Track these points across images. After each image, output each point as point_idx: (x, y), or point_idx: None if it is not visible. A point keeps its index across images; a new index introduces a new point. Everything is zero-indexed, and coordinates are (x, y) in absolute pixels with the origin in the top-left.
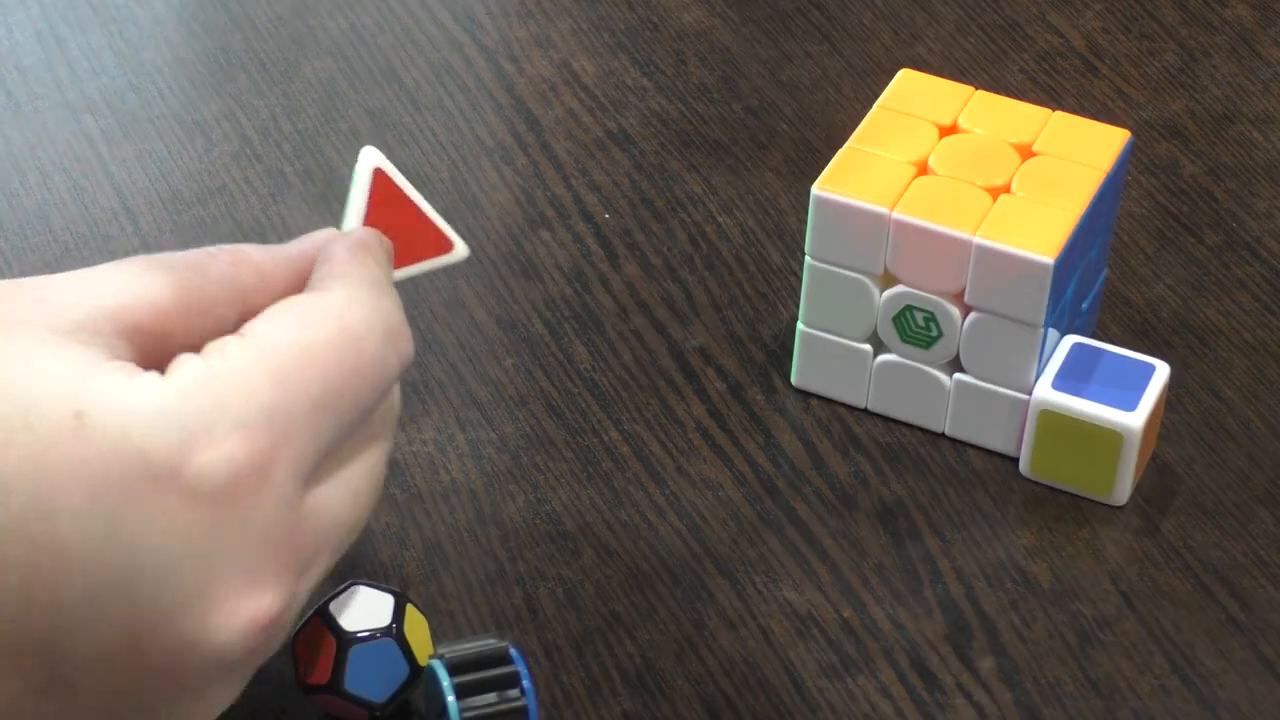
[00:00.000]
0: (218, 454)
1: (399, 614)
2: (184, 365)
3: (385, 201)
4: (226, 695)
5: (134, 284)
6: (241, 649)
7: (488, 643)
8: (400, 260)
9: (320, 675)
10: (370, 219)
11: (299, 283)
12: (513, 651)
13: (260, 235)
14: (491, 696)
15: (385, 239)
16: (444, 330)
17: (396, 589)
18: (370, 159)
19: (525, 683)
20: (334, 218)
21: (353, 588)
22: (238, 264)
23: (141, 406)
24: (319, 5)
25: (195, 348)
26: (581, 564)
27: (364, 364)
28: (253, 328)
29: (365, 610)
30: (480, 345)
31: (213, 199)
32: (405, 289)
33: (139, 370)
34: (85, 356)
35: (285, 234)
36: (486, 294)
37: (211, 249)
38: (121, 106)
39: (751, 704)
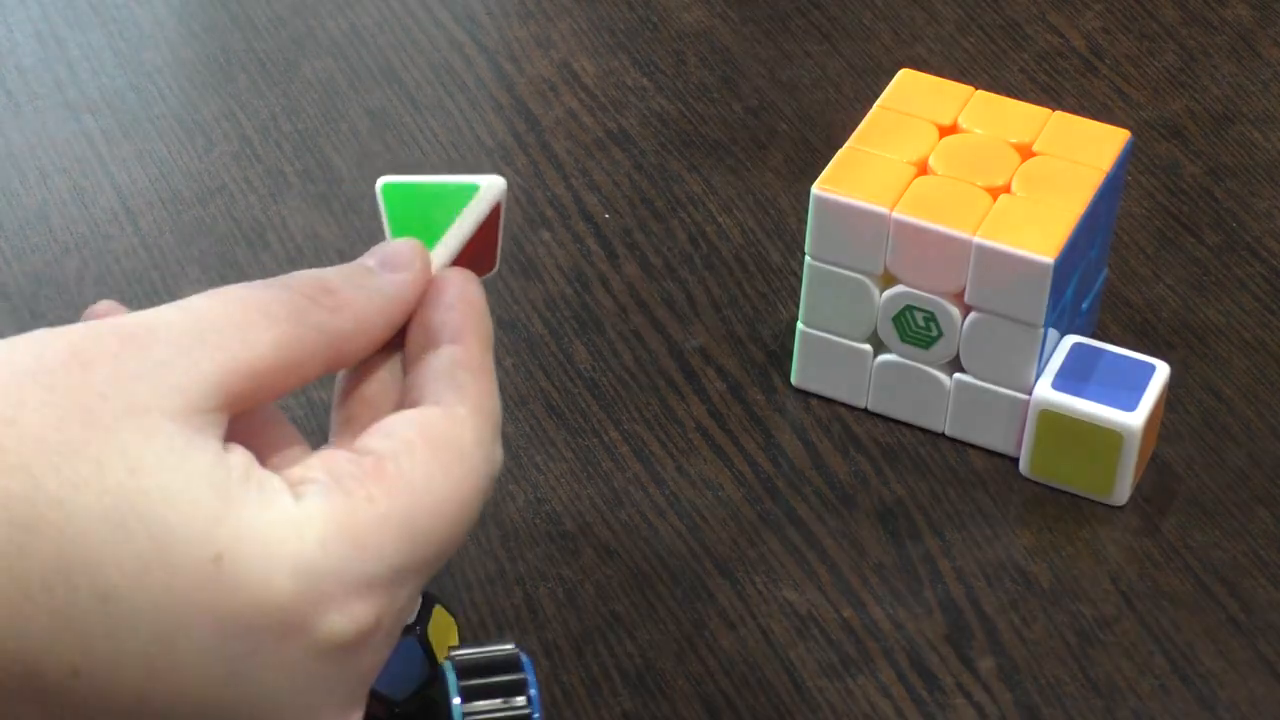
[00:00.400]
0: (347, 616)
1: (425, 614)
2: (323, 497)
3: (485, 229)
4: None
5: (237, 342)
6: None
7: (500, 648)
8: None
9: None
10: (476, 237)
11: (392, 328)
12: (523, 658)
13: (260, 235)
14: (497, 702)
15: (490, 331)
16: None
17: (429, 590)
18: (497, 190)
19: (532, 691)
20: (335, 218)
21: None
22: (337, 310)
23: (283, 558)
24: (319, 5)
25: (280, 395)
26: (581, 564)
27: (478, 509)
28: (395, 463)
29: None
30: None
31: (213, 199)
32: None
33: (273, 490)
34: (213, 465)
35: (285, 234)
36: (487, 294)
37: (307, 286)
38: (121, 106)
39: (751, 704)
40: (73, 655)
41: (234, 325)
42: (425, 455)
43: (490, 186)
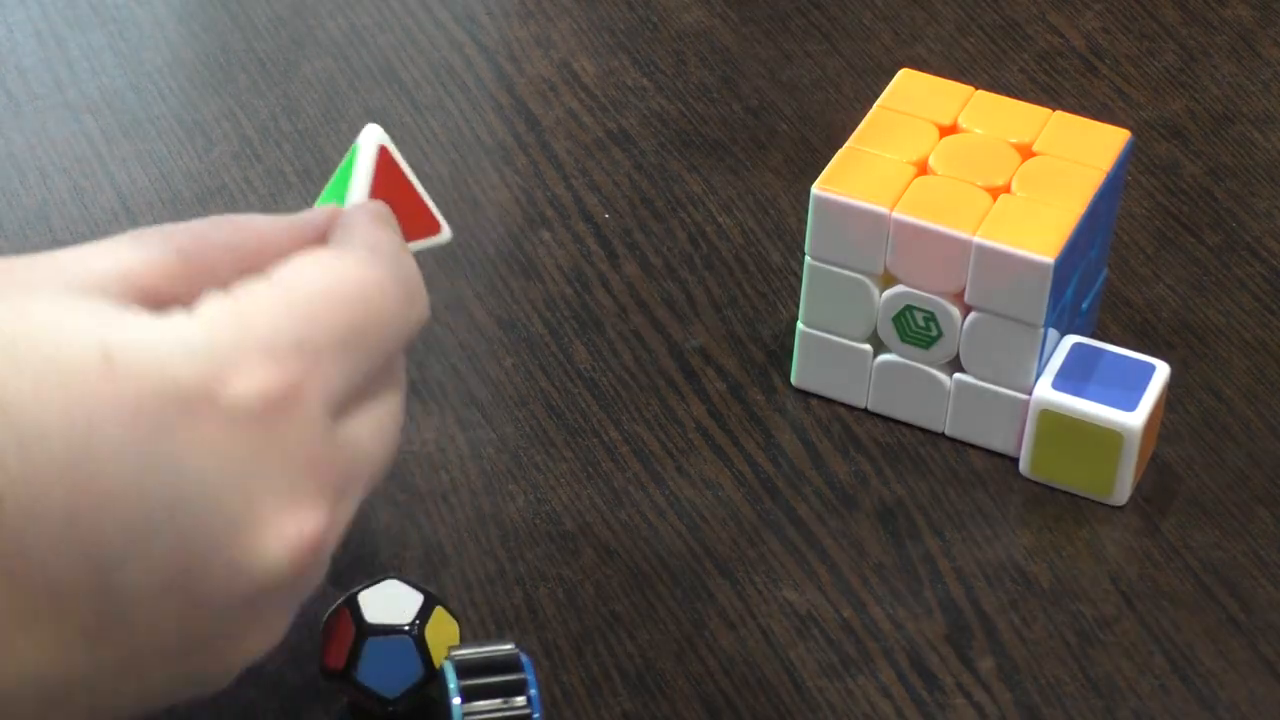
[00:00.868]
0: (250, 380)
1: (424, 614)
2: (210, 302)
3: (387, 179)
4: (278, 625)
5: (139, 250)
6: (289, 570)
7: (500, 648)
8: None
9: (337, 661)
10: (373, 195)
11: (300, 250)
12: (523, 658)
13: None
14: (496, 702)
15: (391, 213)
16: (444, 330)
17: (432, 590)
18: (374, 136)
19: (532, 691)
20: None
21: (386, 581)
22: (239, 229)
23: (170, 341)
24: (319, 5)
25: (194, 291)
26: (581, 564)
27: (385, 313)
28: (278, 272)
29: (392, 605)
30: (480, 345)
31: (213, 199)
32: None
33: (162, 313)
34: (106, 306)
35: None
36: (486, 294)
37: (214, 218)
38: (121, 106)
39: (751, 704)
40: None
41: (136, 241)
42: (310, 262)
43: (365, 135)
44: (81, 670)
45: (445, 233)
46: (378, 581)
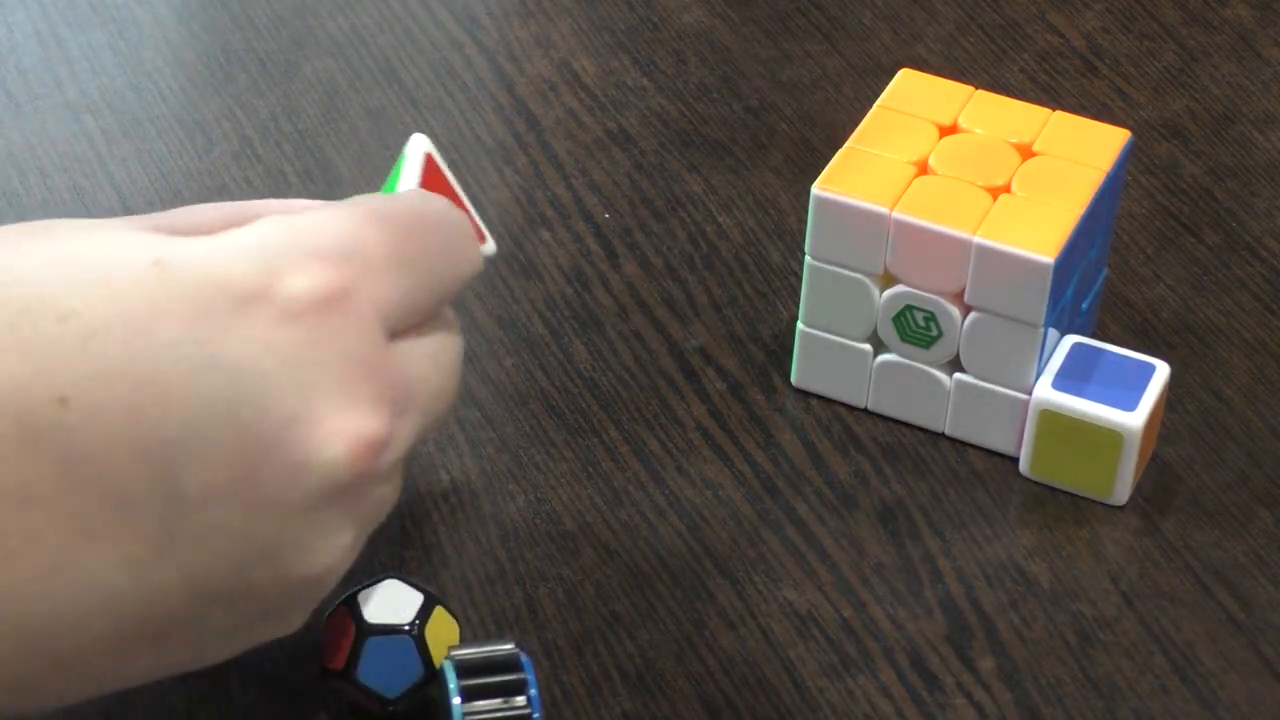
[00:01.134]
0: (302, 279)
1: (424, 614)
2: (262, 219)
3: (432, 188)
4: (340, 539)
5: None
6: (348, 468)
7: (500, 648)
8: None
9: (337, 662)
10: None
11: None
12: (524, 658)
13: None
14: (496, 702)
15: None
16: None
17: (432, 590)
18: (421, 145)
19: (532, 691)
20: None
21: (386, 581)
22: (289, 205)
23: (223, 247)
24: (319, 5)
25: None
26: (581, 564)
27: (436, 244)
28: (327, 203)
29: (391, 605)
30: (480, 345)
31: (213, 199)
32: None
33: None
34: (157, 232)
35: None
36: (486, 294)
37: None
38: (121, 106)
39: (751, 704)
40: (55, 381)
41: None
42: (361, 196)
43: (412, 144)
44: (148, 587)
45: (490, 244)
46: (378, 581)
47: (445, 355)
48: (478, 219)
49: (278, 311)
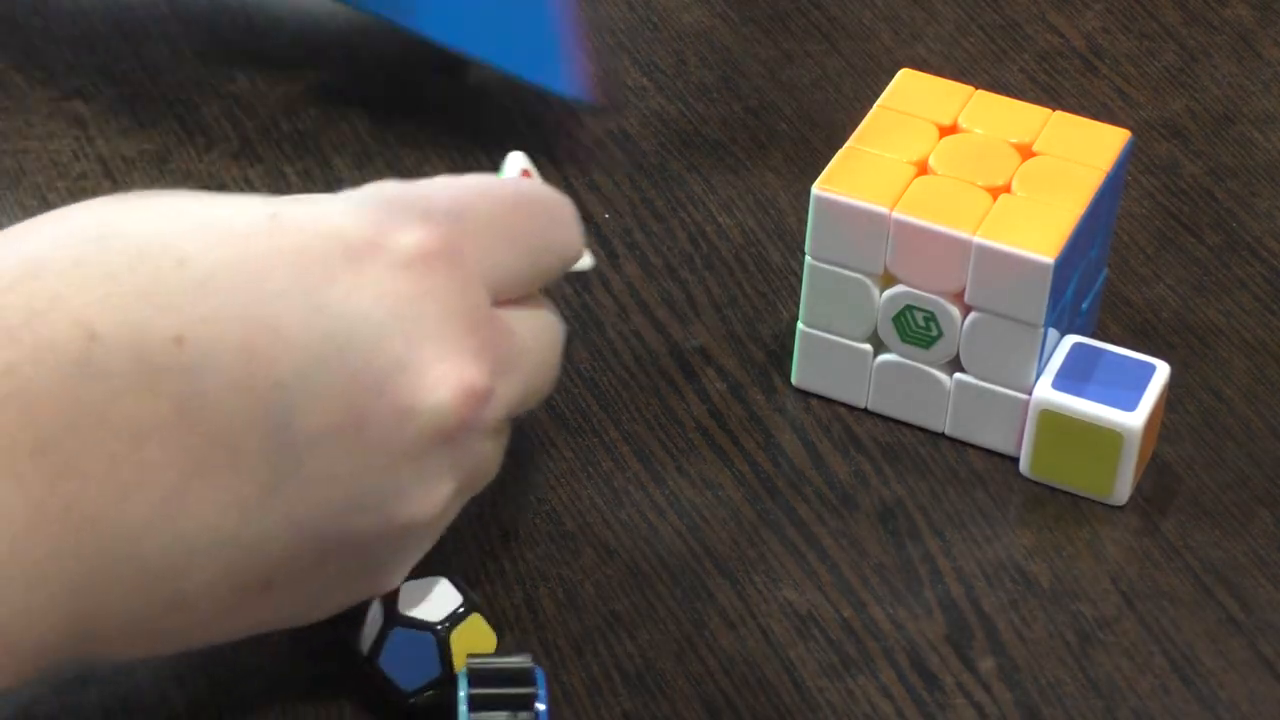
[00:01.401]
0: (411, 234)
1: (456, 618)
2: (373, 183)
3: None
4: (441, 489)
5: None
6: (454, 414)
7: (516, 661)
8: None
9: (365, 643)
10: None
11: None
12: (538, 673)
13: None
14: (504, 714)
15: None
16: None
17: (476, 598)
18: (518, 162)
19: (540, 706)
20: None
21: (434, 578)
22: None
23: (335, 204)
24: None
25: None
26: (581, 564)
27: (540, 222)
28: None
29: (429, 601)
30: None
31: None
32: None
33: None
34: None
35: None
36: None
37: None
38: (121, 106)
39: (751, 704)
40: (172, 322)
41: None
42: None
43: (510, 161)
44: (255, 531)
45: (588, 258)
46: (429, 577)
47: (546, 332)
48: None
49: (387, 263)
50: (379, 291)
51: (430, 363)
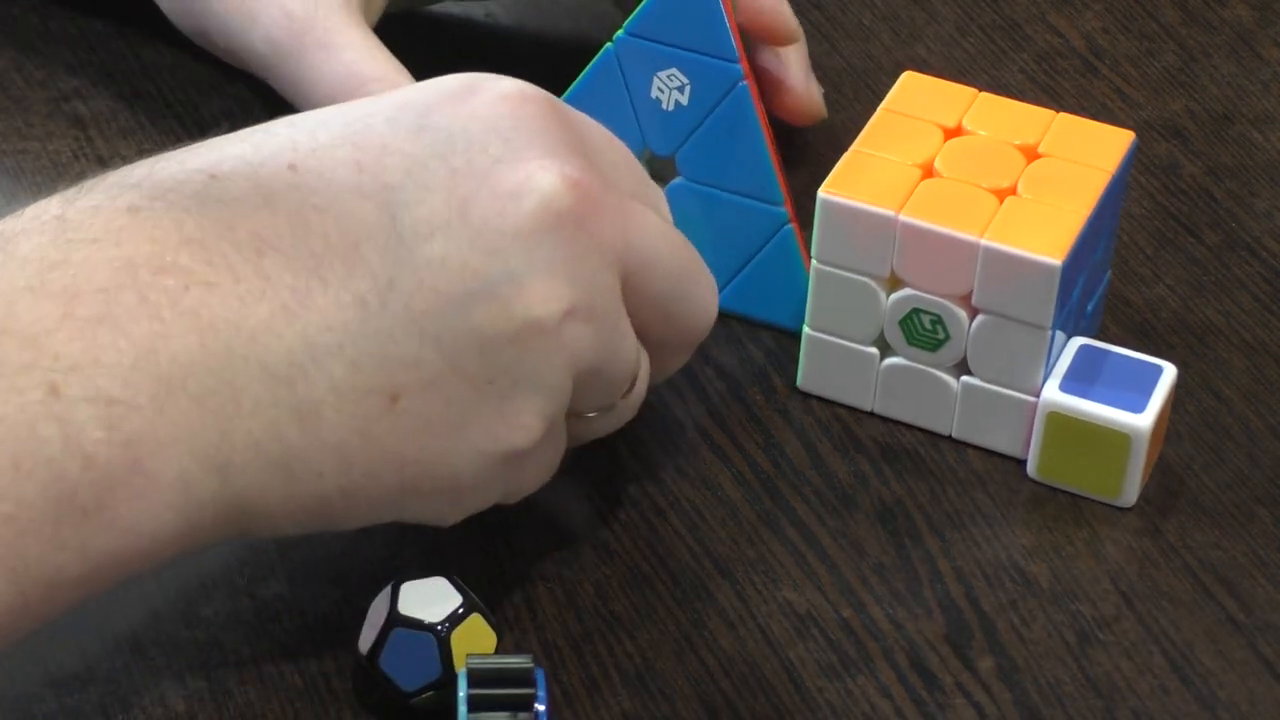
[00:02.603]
0: (508, 81)
1: (456, 618)
2: None
3: None
4: (556, 284)
5: None
6: (562, 199)
7: (516, 661)
8: None
9: (365, 644)
10: None
11: None
12: (538, 673)
13: None
14: (504, 715)
15: None
16: None
17: (475, 598)
18: None
19: (540, 706)
20: None
21: (435, 579)
22: None
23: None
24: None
25: None
26: (581, 563)
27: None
28: None
29: (429, 602)
30: None
31: None
32: None
33: None
34: None
35: None
36: None
37: None
38: (121, 106)
39: (751, 704)
40: (285, 156)
41: None
42: None
43: None
44: (377, 326)
45: None
46: (428, 577)
47: (670, 240)
48: None
49: (486, 98)
50: (475, 115)
51: (532, 159)
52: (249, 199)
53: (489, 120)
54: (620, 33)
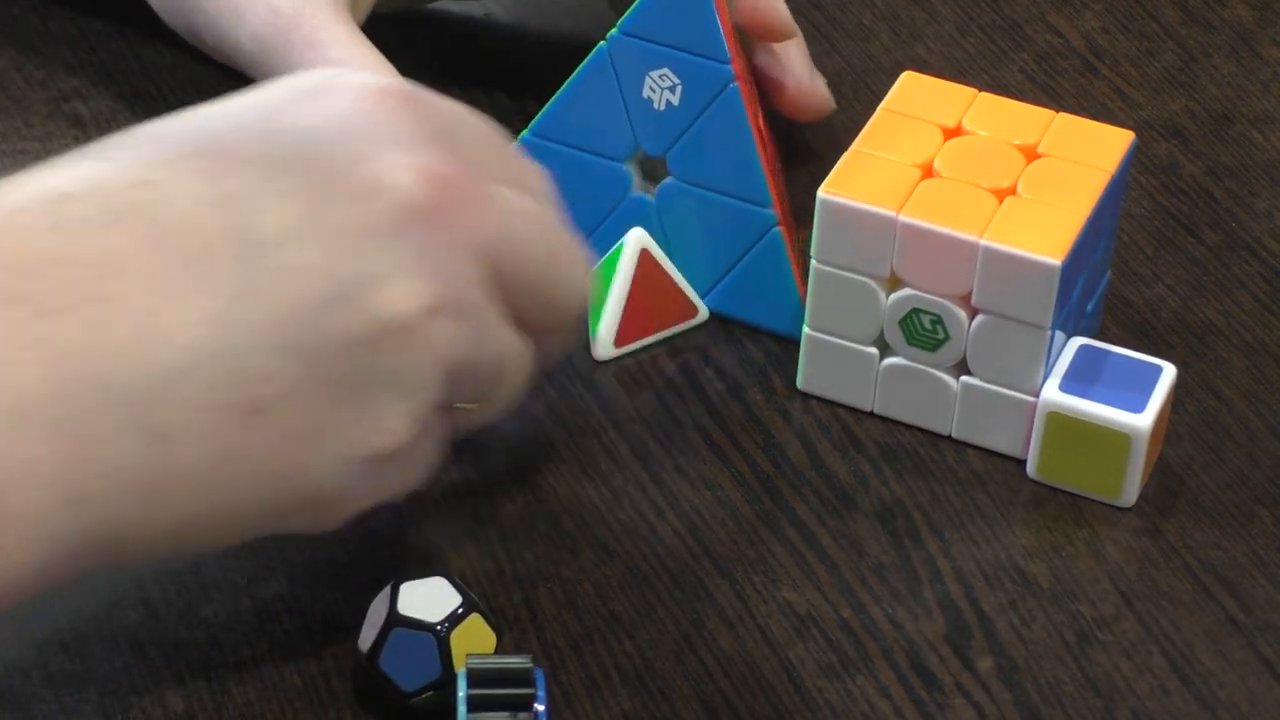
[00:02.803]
0: (359, 76)
1: (455, 618)
2: None
3: (647, 273)
4: (415, 282)
5: None
6: (419, 194)
7: (515, 661)
8: (657, 326)
9: (366, 644)
10: (635, 289)
11: None
12: (538, 673)
13: None
14: (504, 715)
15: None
16: None
17: (474, 597)
18: (638, 238)
19: (540, 706)
20: None
21: (434, 578)
22: None
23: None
24: None
25: None
26: (581, 564)
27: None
28: None
29: (428, 602)
30: None
31: None
32: None
33: None
34: None
35: None
36: None
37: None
38: (121, 106)
39: (751, 704)
40: (134, 171)
41: None
42: None
43: (630, 237)
44: (233, 341)
45: (703, 313)
46: (427, 577)
47: (536, 205)
48: (690, 294)
49: (339, 95)
50: (331, 112)
51: (387, 156)
52: (97, 218)
53: (342, 118)
54: (614, 32)
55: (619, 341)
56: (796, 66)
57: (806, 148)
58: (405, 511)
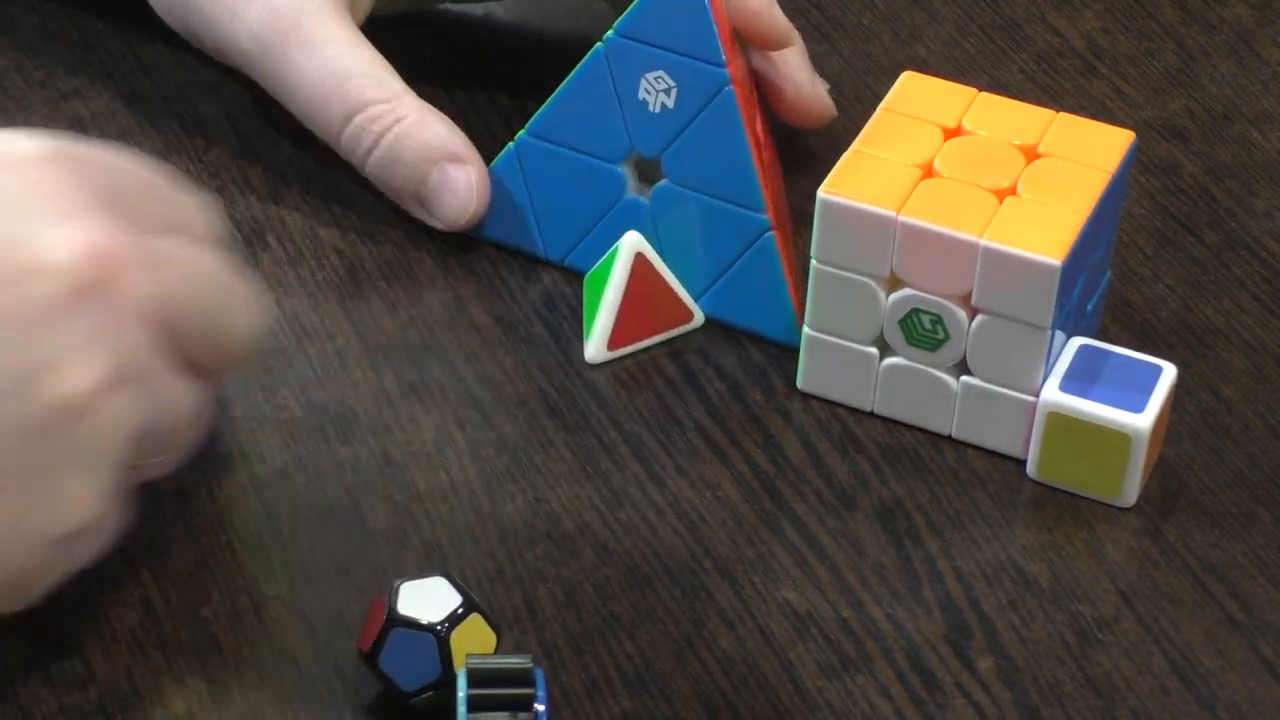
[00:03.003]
0: (19, 140)
1: (455, 618)
2: None
3: (642, 277)
4: (88, 366)
5: None
6: (85, 273)
7: (515, 661)
8: (651, 330)
9: (366, 643)
10: (630, 292)
11: None
12: (538, 674)
13: (260, 235)
14: (503, 715)
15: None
16: (443, 330)
17: (475, 597)
18: (633, 242)
19: (540, 706)
20: (333, 218)
21: (434, 578)
22: None
23: None
24: None
25: None
26: (580, 564)
27: (144, 179)
28: None
29: (428, 602)
30: (480, 345)
31: (212, 199)
32: (410, 275)
33: None
34: None
35: (284, 234)
36: (486, 294)
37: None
38: (121, 106)
39: (751, 704)
40: None
41: None
42: None
43: (625, 240)
44: None
45: (698, 317)
46: (427, 577)
47: (200, 256)
48: (685, 298)
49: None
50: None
51: (50, 232)
52: None
53: (1, 194)
54: (610, 34)
55: (612, 345)
56: (796, 73)
57: (807, 148)
58: (405, 512)
